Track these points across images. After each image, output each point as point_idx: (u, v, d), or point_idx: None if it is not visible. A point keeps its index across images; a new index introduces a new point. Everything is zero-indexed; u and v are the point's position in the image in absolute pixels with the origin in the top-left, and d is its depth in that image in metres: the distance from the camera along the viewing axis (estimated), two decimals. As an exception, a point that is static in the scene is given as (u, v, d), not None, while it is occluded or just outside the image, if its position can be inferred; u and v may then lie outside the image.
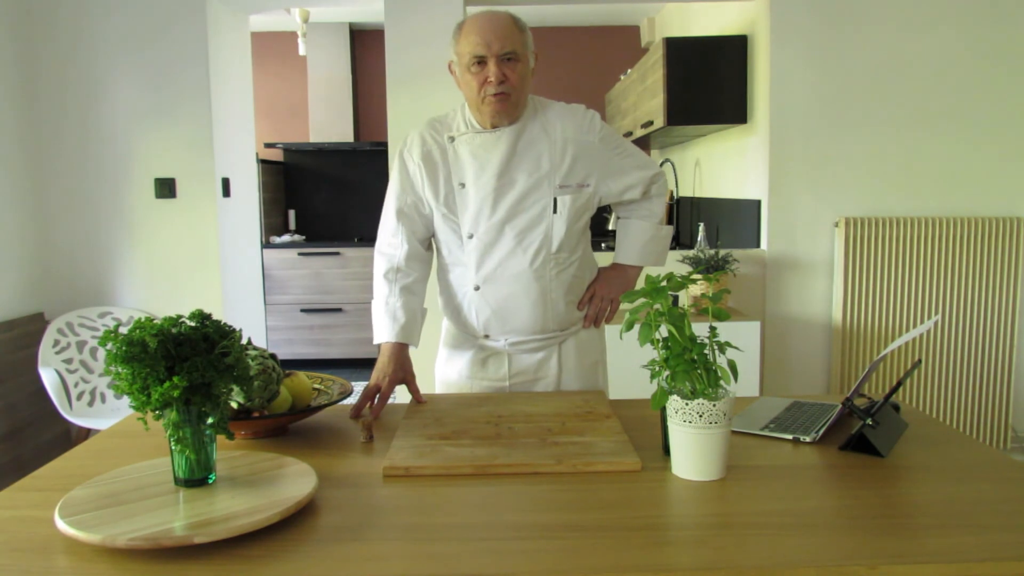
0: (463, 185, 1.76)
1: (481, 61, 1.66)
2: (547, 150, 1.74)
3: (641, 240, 1.89)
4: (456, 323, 1.88)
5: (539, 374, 1.85)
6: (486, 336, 1.84)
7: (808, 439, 1.40)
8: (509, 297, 1.77)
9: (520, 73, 1.68)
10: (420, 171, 1.78)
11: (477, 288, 1.78)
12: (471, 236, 1.76)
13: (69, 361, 3.36)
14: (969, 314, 3.36)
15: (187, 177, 3.50)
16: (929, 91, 3.33)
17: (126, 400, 2.28)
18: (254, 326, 4.04)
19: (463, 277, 1.80)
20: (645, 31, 5.53)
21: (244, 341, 1.30)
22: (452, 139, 1.77)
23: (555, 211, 1.74)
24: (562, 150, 1.75)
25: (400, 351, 1.74)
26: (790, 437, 1.42)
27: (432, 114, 1.86)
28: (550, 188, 1.74)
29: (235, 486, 1.15)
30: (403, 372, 1.72)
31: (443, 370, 1.93)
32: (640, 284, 1.30)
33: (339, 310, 5.65)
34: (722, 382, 1.23)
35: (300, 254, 5.62)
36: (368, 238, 5.82)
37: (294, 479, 1.17)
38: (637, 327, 1.23)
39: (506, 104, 1.69)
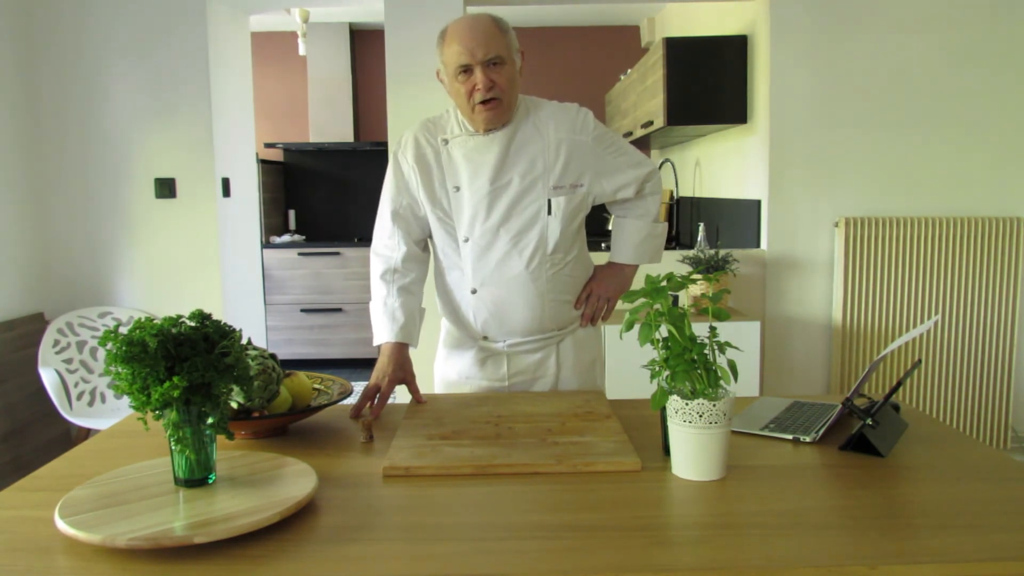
0: (457, 189, 1.75)
1: (467, 70, 1.66)
2: (540, 151, 1.74)
3: (636, 239, 1.89)
4: (455, 324, 1.88)
5: (538, 373, 1.85)
6: (485, 338, 1.83)
7: (808, 439, 1.40)
8: (506, 300, 1.77)
9: (507, 76, 1.67)
10: (414, 173, 1.78)
11: (474, 291, 1.78)
12: (467, 240, 1.76)
13: (69, 361, 3.36)
14: (969, 314, 3.36)
15: (187, 177, 3.50)
16: (929, 91, 3.33)
17: (126, 400, 2.28)
18: (254, 326, 4.04)
19: (460, 280, 1.80)
20: (645, 31, 5.53)
21: (244, 341, 1.30)
22: (446, 142, 1.77)
23: (549, 213, 1.74)
24: (555, 151, 1.74)
25: (400, 351, 1.74)
26: (790, 437, 1.42)
27: (431, 114, 1.86)
28: (544, 190, 1.73)
29: (235, 486, 1.15)
30: (403, 372, 1.72)
31: (443, 369, 1.93)
32: (640, 283, 1.30)
33: (339, 310, 5.65)
34: (722, 382, 1.23)
35: (300, 254, 5.62)
36: (368, 238, 5.79)
37: (294, 479, 1.17)
38: (637, 327, 1.23)
39: (497, 109, 1.69)
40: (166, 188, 3.50)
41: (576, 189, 1.76)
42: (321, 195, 6.29)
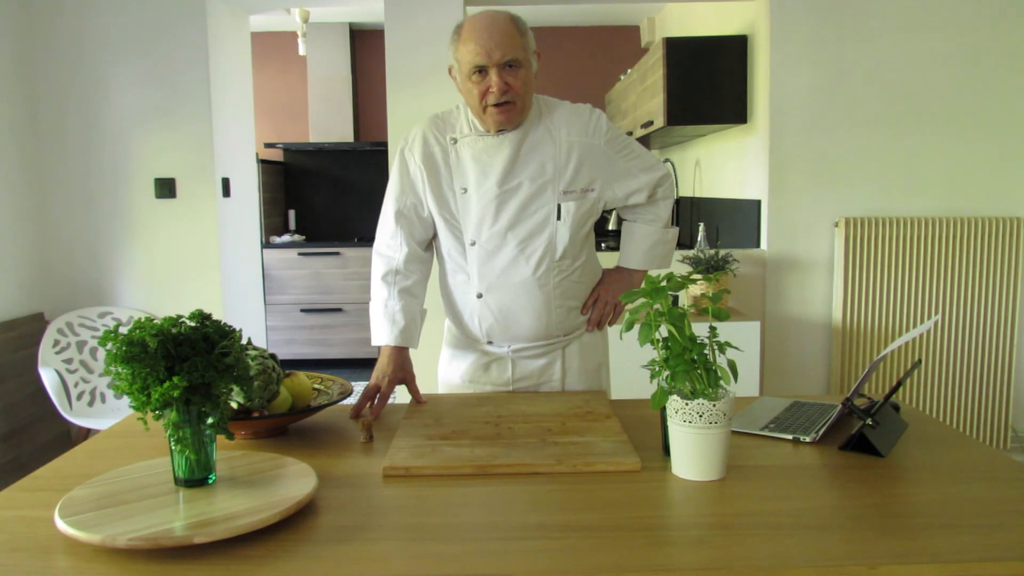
0: (465, 190, 1.72)
1: (481, 71, 1.61)
2: (551, 155, 1.70)
3: (646, 244, 1.86)
4: (458, 328, 1.86)
5: (542, 379, 1.83)
6: (489, 342, 1.82)
7: (808, 439, 1.40)
8: (512, 306, 1.74)
9: (523, 79, 1.63)
10: (421, 173, 1.74)
11: (479, 296, 1.75)
12: (473, 243, 1.73)
13: (69, 361, 3.36)
14: (969, 314, 3.35)
15: (187, 177, 3.50)
16: (929, 91, 3.33)
17: (126, 400, 2.28)
18: (254, 326, 4.04)
19: (465, 284, 1.77)
20: (645, 31, 5.53)
21: (244, 341, 1.30)
22: (454, 141, 1.74)
23: (559, 218, 1.70)
24: (567, 154, 1.70)
25: (400, 352, 1.73)
26: (790, 437, 1.42)
27: (432, 113, 1.82)
28: (554, 194, 1.70)
29: (235, 486, 1.15)
30: (403, 373, 1.71)
31: (446, 371, 1.91)
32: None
33: (339, 310, 5.65)
34: (722, 382, 1.23)
35: (300, 254, 5.62)
36: (368, 238, 5.82)
37: (294, 479, 1.17)
38: (637, 327, 1.23)
39: (511, 112, 1.65)
40: (166, 188, 3.50)
41: (587, 194, 1.73)
42: (321, 195, 6.29)
